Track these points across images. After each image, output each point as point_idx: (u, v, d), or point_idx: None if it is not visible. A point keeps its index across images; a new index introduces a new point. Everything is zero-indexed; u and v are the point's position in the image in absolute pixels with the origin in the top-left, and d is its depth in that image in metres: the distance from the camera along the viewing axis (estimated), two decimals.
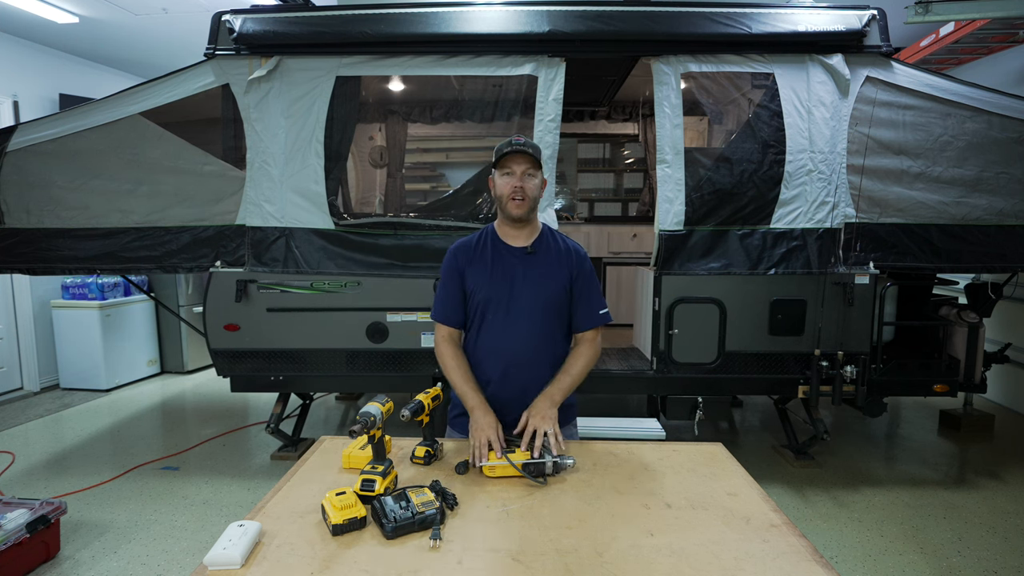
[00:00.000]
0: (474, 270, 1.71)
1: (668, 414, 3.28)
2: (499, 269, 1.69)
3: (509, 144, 1.62)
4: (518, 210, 1.64)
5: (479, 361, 1.73)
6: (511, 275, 1.69)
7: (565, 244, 1.76)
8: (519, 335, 1.68)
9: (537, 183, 1.66)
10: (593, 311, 1.74)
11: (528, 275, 1.69)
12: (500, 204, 1.67)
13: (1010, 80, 4.45)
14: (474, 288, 1.70)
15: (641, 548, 1.15)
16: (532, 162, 1.63)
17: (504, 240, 1.73)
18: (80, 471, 3.43)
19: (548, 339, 1.72)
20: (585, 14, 3.00)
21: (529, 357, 1.69)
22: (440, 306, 1.75)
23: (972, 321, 3.27)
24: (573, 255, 1.73)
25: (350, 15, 3.02)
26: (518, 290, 1.68)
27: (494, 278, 1.69)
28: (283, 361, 3.25)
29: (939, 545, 2.67)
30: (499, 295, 1.68)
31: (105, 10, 4.27)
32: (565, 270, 1.71)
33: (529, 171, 1.63)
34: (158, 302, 4.80)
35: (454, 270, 1.73)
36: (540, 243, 1.72)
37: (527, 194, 1.63)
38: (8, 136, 3.13)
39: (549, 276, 1.70)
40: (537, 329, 1.69)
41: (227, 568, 1.08)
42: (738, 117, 3.66)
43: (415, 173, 6.25)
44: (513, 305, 1.68)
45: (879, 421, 4.24)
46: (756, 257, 3.10)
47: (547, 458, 1.46)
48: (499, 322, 1.69)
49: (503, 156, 1.62)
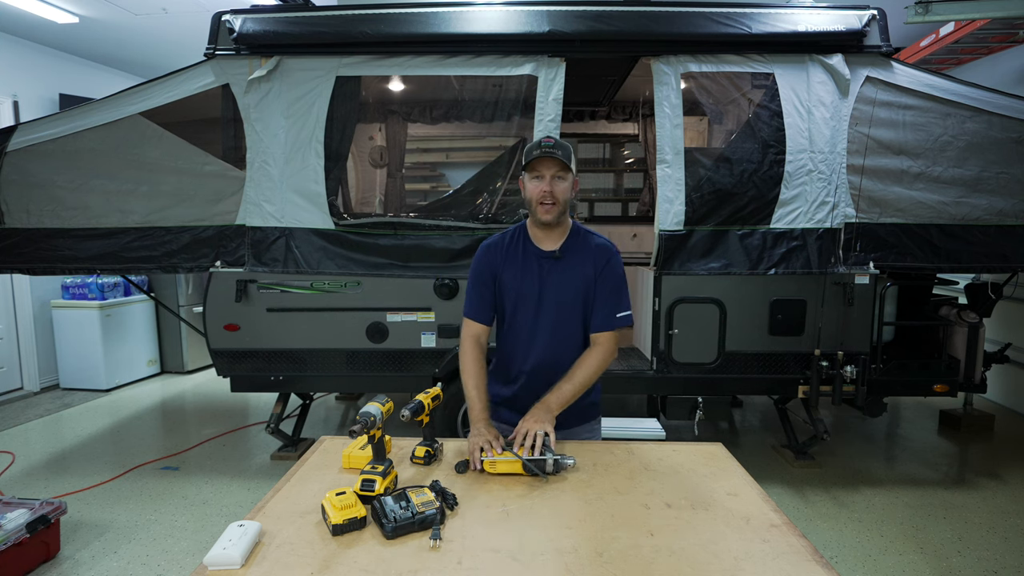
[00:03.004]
0: (507, 270, 1.72)
1: (668, 414, 3.28)
2: (528, 272, 1.70)
3: (539, 147, 1.60)
4: (547, 215, 1.62)
5: (508, 357, 1.76)
6: (540, 280, 1.69)
7: (594, 241, 1.73)
8: (547, 334, 1.70)
9: (567, 186, 1.64)
10: (611, 312, 1.70)
11: (553, 279, 1.69)
12: (530, 208, 1.67)
13: (1010, 80, 4.45)
14: (507, 288, 1.72)
15: (641, 548, 1.15)
16: (561, 165, 1.61)
17: (534, 242, 1.72)
18: (80, 471, 3.43)
19: (575, 338, 1.72)
20: (585, 14, 3.00)
21: (554, 358, 1.70)
22: (469, 302, 1.77)
23: (972, 321, 3.27)
24: (600, 251, 1.71)
25: (350, 15, 3.02)
26: (544, 293, 1.69)
27: (523, 280, 1.70)
28: (283, 361, 3.25)
29: (939, 545, 2.67)
30: (527, 297, 1.70)
31: (105, 10, 4.27)
32: (590, 267, 1.69)
33: (559, 174, 1.61)
34: (158, 302, 4.81)
35: (486, 268, 1.74)
36: (569, 245, 1.70)
37: (557, 198, 1.61)
38: (8, 136, 3.13)
39: (575, 279, 1.69)
40: (565, 332, 1.70)
41: (227, 568, 1.08)
42: (738, 117, 3.65)
43: (415, 173, 6.24)
44: (540, 307, 1.70)
45: (879, 421, 4.24)
46: (756, 257, 3.10)
47: (548, 455, 1.47)
48: (527, 322, 1.71)
49: (532, 160, 1.61)
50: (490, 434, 1.54)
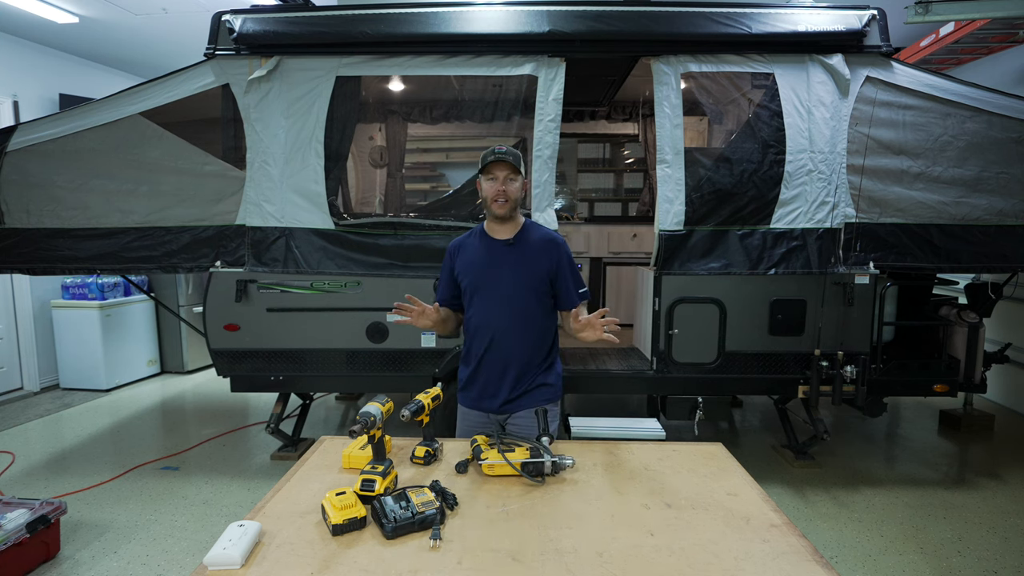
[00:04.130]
0: (461, 259, 1.99)
1: (668, 414, 3.28)
2: (485, 258, 1.95)
3: (492, 153, 1.86)
4: (501, 210, 1.88)
5: (471, 336, 1.99)
6: (495, 263, 1.93)
7: (544, 235, 1.99)
8: (502, 313, 1.92)
9: (518, 186, 1.90)
10: (575, 291, 1.97)
11: (509, 262, 1.93)
12: (486, 204, 1.92)
13: (1010, 80, 4.45)
14: (461, 274, 1.98)
15: (641, 548, 1.15)
16: (512, 168, 1.86)
17: (490, 234, 1.97)
18: (80, 471, 3.43)
19: (528, 316, 1.94)
20: (585, 14, 3.00)
21: (510, 331, 1.93)
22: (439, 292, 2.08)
23: (972, 321, 3.27)
24: (552, 245, 1.96)
25: (350, 15, 3.02)
26: (501, 275, 1.93)
27: (480, 265, 1.95)
28: (283, 361, 3.25)
29: (939, 545, 2.67)
30: (484, 280, 1.94)
31: (105, 10, 4.27)
32: (545, 258, 1.94)
33: (510, 176, 1.87)
34: (158, 302, 4.81)
35: (448, 261, 2.04)
36: (521, 235, 1.96)
37: (509, 196, 1.87)
38: (8, 136, 3.13)
39: (528, 263, 1.93)
40: (518, 307, 1.92)
41: (227, 568, 1.08)
42: (738, 117, 3.65)
43: (415, 173, 6.25)
44: (497, 287, 1.93)
45: (879, 421, 4.24)
46: (756, 257, 3.10)
47: (546, 458, 1.47)
48: (484, 302, 1.94)
49: (487, 164, 1.86)
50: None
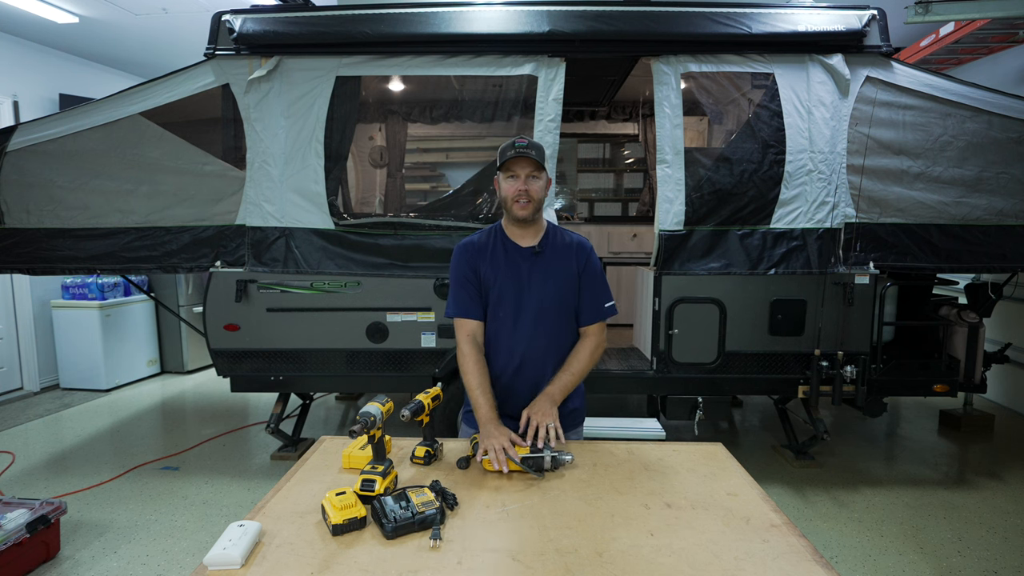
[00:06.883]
0: (487, 267, 1.73)
1: (668, 414, 3.28)
2: (509, 269, 1.72)
3: (512, 147, 1.63)
4: (523, 212, 1.66)
5: (494, 354, 1.75)
6: (520, 275, 1.72)
7: (570, 239, 1.78)
8: (530, 332, 1.72)
9: (542, 184, 1.68)
10: (598, 305, 1.75)
11: (536, 274, 1.72)
12: (505, 206, 1.70)
13: (1010, 80, 4.45)
14: (489, 284, 1.73)
15: (641, 548, 1.15)
16: (535, 165, 1.64)
17: (512, 240, 1.75)
18: (80, 471, 3.43)
19: (560, 334, 1.74)
20: (585, 14, 2.99)
21: (540, 353, 1.72)
22: (457, 302, 1.75)
23: (972, 321, 3.27)
24: (579, 249, 1.76)
25: (350, 15, 3.02)
26: (527, 289, 1.71)
27: (505, 277, 1.72)
28: (283, 361, 3.25)
29: (939, 545, 2.67)
30: (509, 294, 1.72)
31: (105, 10, 4.27)
32: (572, 264, 1.73)
33: (533, 173, 1.65)
34: (158, 302, 4.80)
35: (467, 266, 1.74)
36: (546, 242, 1.74)
37: (532, 196, 1.65)
38: (8, 136, 3.13)
39: (556, 274, 1.72)
40: (547, 326, 1.72)
41: (227, 568, 1.08)
42: (738, 117, 3.66)
43: (415, 173, 6.25)
44: (523, 303, 1.71)
45: (879, 421, 4.24)
46: (756, 257, 3.10)
47: (545, 452, 1.47)
48: (510, 320, 1.72)
49: (507, 160, 1.64)
50: (502, 435, 1.52)
